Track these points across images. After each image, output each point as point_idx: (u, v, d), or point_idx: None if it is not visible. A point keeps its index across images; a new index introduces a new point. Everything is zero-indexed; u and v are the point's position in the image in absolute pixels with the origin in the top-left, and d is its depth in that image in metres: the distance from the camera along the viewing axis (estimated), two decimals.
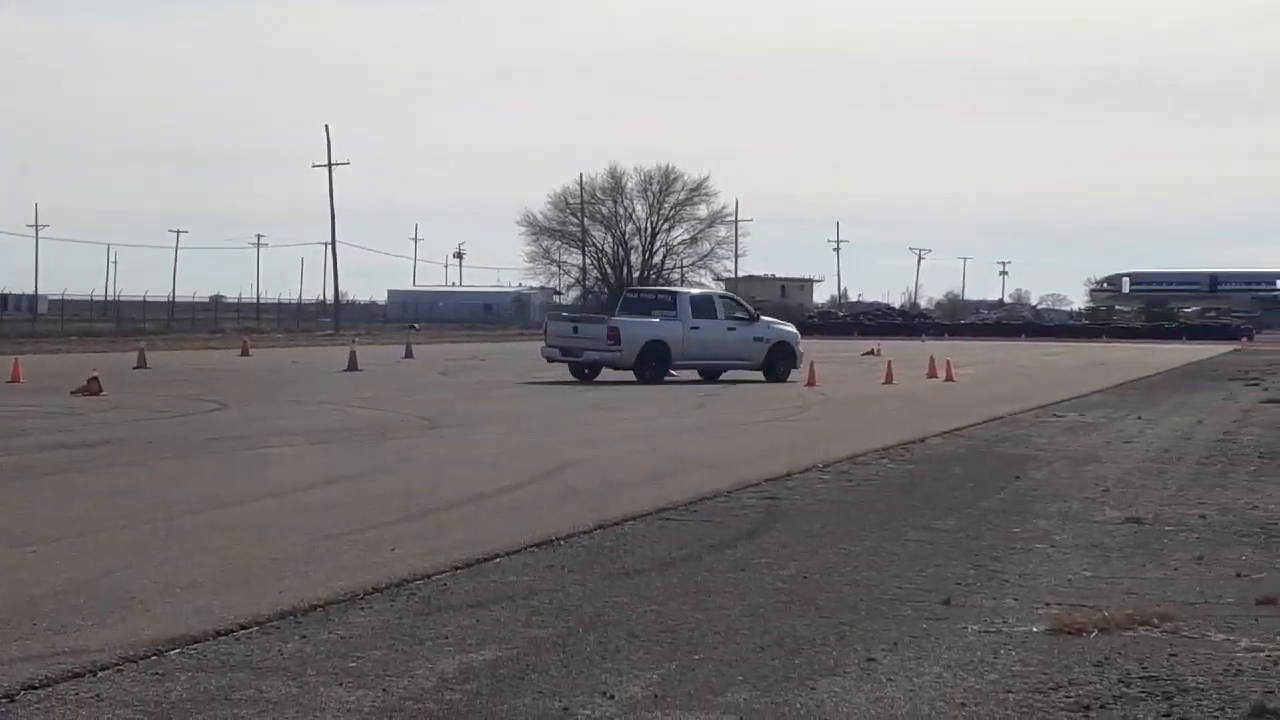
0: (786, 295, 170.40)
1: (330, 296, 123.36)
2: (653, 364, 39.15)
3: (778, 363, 41.12)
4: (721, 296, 44.54)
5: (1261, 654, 8.84)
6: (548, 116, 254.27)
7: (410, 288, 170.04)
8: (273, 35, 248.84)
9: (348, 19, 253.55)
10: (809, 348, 71.70)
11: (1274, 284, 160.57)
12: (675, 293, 43.20)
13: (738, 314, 41.86)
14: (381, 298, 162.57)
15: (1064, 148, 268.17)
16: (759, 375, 40.61)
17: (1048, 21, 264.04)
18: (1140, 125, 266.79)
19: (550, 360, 40.67)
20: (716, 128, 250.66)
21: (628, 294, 46.05)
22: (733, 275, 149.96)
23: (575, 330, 40.39)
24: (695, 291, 44.16)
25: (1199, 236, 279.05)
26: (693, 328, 39.86)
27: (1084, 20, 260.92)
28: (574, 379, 39.50)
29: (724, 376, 40.48)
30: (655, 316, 40.12)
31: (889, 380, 40.26)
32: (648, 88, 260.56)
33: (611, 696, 7.87)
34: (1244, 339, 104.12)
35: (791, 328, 43.89)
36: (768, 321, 42.82)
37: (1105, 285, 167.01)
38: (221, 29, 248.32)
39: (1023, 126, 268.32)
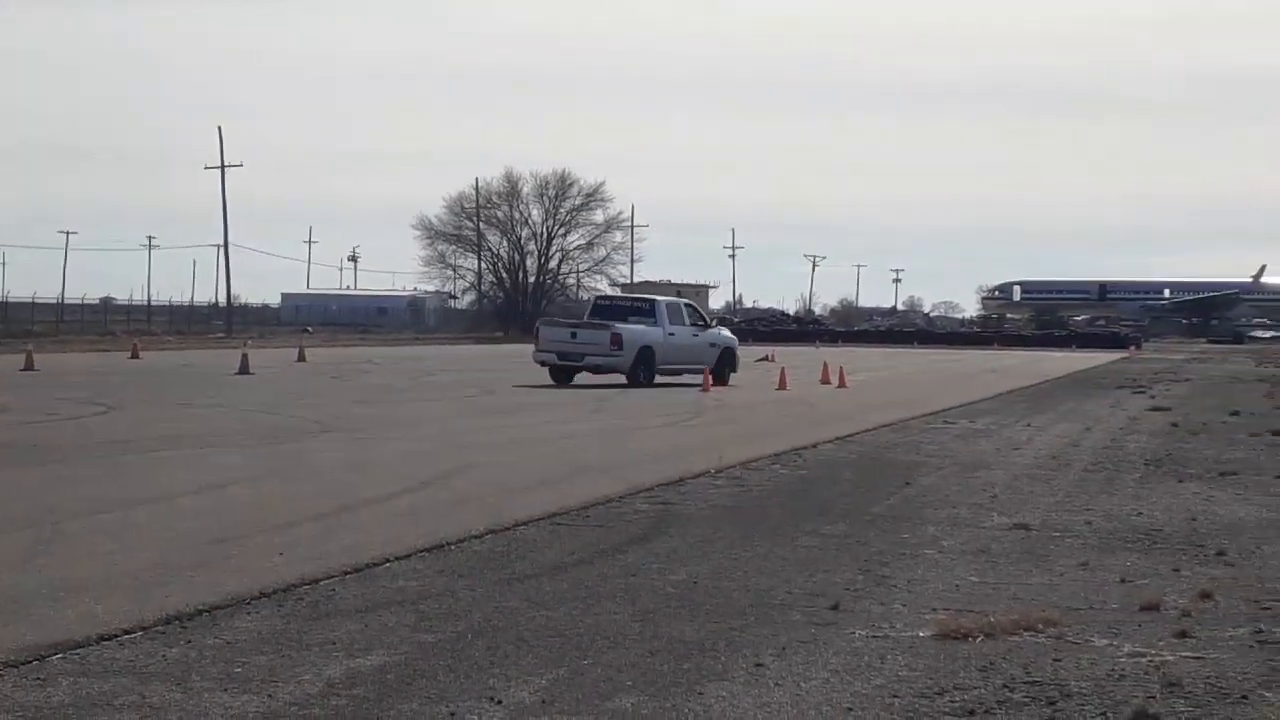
0: None
1: (223, 299, 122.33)
2: (642, 368, 40.15)
3: (725, 367, 42.53)
4: (686, 304, 44.77)
5: (1144, 659, 8.96)
6: (443, 119, 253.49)
7: (304, 291, 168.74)
8: (164, 34, 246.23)
9: (240, 19, 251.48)
10: None
11: (1162, 293, 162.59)
12: (654, 300, 43.59)
13: (698, 321, 43.30)
14: (275, 301, 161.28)
15: (955, 156, 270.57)
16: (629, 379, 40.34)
17: (931, 26, 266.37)
18: (1032, 133, 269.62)
19: (543, 364, 40.79)
20: (613, 133, 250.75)
21: (599, 300, 46.98)
22: (629, 281, 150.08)
23: (574, 336, 40.90)
24: (668, 300, 44.47)
25: (1089, 245, 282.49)
26: (670, 334, 41.14)
27: (968, 24, 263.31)
28: (553, 382, 39.98)
29: (604, 380, 40.51)
30: (634, 323, 40.84)
31: (783, 386, 40.43)
32: (544, 92, 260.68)
33: (499, 702, 7.85)
34: (1132, 347, 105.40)
35: (733, 335, 46.09)
36: (719, 329, 44.99)
37: (997, 293, 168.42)
38: (110, 27, 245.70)
39: (916, 134, 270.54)
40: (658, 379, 40.57)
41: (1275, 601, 10.87)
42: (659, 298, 45.20)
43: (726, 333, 45.53)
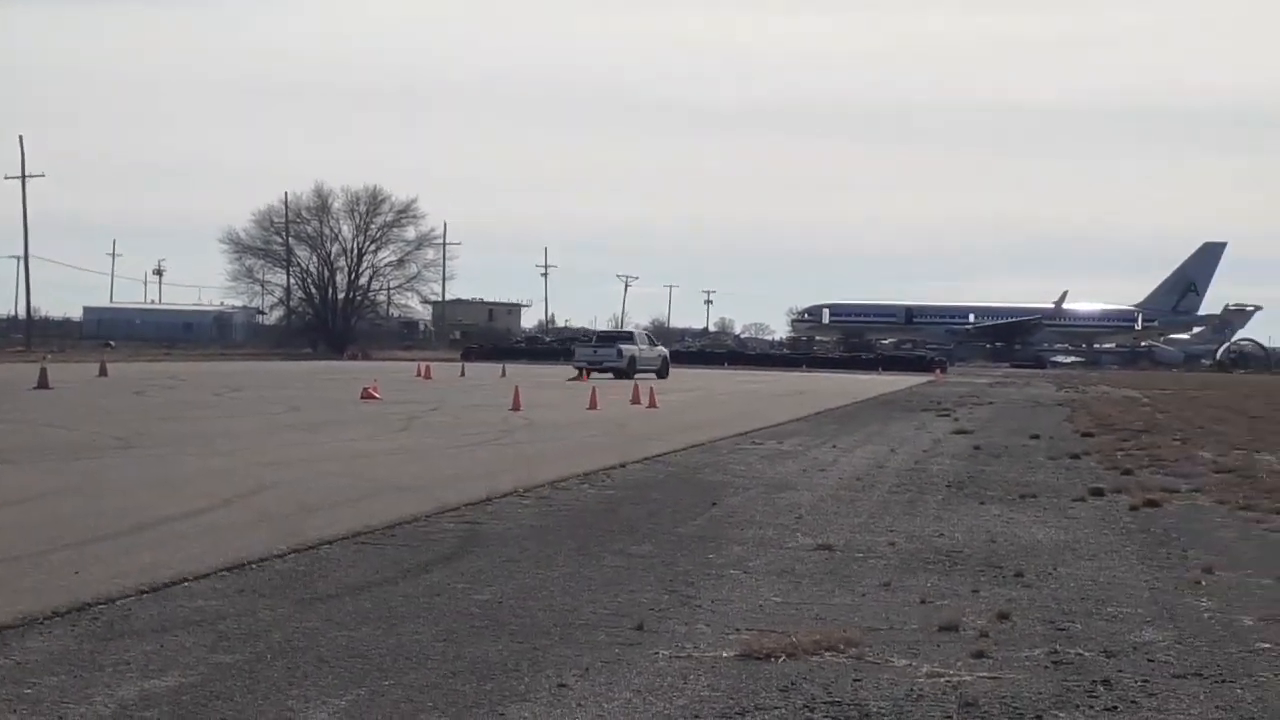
0: (494, 319, 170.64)
1: (22, 312, 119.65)
2: (631, 369, 68.77)
3: (664, 367, 73.55)
4: (648, 333, 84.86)
5: (942, 679, 9.06)
6: (253, 133, 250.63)
7: (108, 305, 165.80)
8: None
9: (44, 26, 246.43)
10: (514, 372, 71.84)
11: (966, 318, 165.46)
12: (633, 331, 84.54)
13: (654, 343, 78.06)
14: (77, 314, 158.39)
15: (766, 179, 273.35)
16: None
17: (745, 48, 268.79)
18: (843, 157, 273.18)
19: (579, 368, 70.06)
20: (426, 149, 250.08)
21: (600, 332, 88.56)
22: (440, 299, 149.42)
23: (595, 351, 72.45)
24: (638, 330, 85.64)
25: (898, 271, 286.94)
26: (641, 349, 72.58)
27: (788, 43, 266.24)
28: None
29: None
30: (621, 344, 72.37)
31: (593, 406, 40.48)
32: (356, 107, 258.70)
33: None
34: (937, 371, 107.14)
35: (665, 349, 79.55)
36: (661, 347, 78.03)
37: (806, 316, 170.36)
38: None
39: (726, 155, 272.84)
40: (634, 375, 66.56)
41: (1070, 622, 11.07)
42: (635, 330, 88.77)
43: (663, 349, 78.01)
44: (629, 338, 76.14)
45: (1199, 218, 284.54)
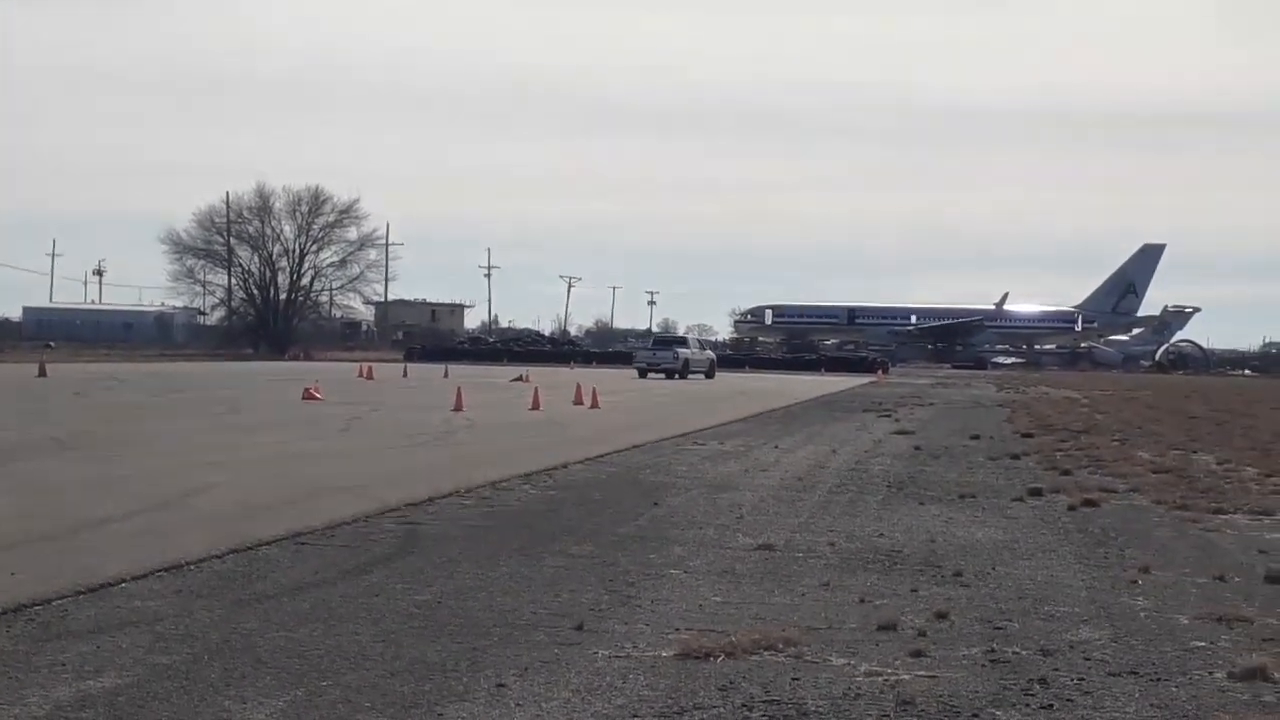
0: (437, 320, 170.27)
1: None
2: (685, 371, 77.59)
3: (711, 369, 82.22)
4: (697, 339, 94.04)
5: (879, 678, 9.10)
6: (194, 132, 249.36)
7: (47, 305, 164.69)
8: None
9: None
10: (457, 373, 71.76)
11: (909, 319, 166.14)
12: (685, 336, 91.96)
13: (702, 345, 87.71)
14: (16, 314, 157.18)
15: (710, 179, 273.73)
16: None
17: (685, 48, 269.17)
18: (783, 158, 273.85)
19: (639, 369, 79.58)
20: (368, 150, 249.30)
21: (657, 337, 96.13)
22: (383, 299, 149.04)
23: (654, 354, 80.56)
24: (690, 336, 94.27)
25: (840, 272, 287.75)
26: (692, 352, 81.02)
27: (729, 43, 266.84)
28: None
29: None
30: (676, 348, 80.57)
31: (536, 406, 40.46)
32: (297, 106, 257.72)
33: None
34: (879, 371, 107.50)
35: (713, 353, 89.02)
36: (709, 352, 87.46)
37: (749, 316, 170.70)
38: None
39: (668, 155, 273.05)
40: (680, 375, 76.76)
41: (1008, 621, 11.13)
42: (687, 335, 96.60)
43: (711, 353, 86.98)
44: (683, 342, 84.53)
45: (1139, 219, 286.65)
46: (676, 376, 76.14)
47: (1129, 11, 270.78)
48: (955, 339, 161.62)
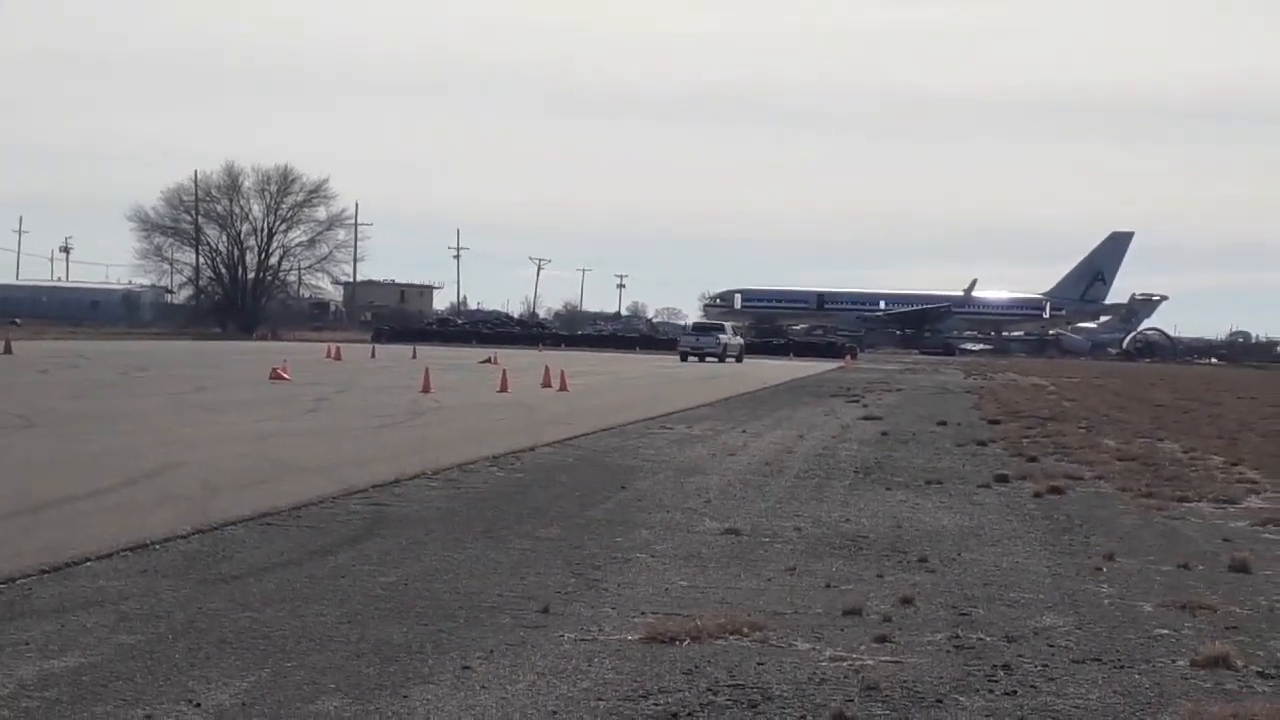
0: (406, 301, 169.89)
1: None
2: (725, 355, 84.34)
3: (741, 354, 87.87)
4: (734, 326, 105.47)
5: (844, 663, 9.12)
6: (163, 112, 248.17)
7: (13, 282, 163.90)
8: None
9: None
10: (425, 354, 71.66)
11: (877, 304, 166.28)
12: (722, 324, 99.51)
13: (734, 332, 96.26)
14: None
15: (679, 163, 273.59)
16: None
17: (658, 34, 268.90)
18: (753, 144, 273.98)
19: (684, 353, 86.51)
20: (338, 130, 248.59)
21: (696, 324, 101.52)
22: (351, 279, 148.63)
23: (698, 340, 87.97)
24: (729, 324, 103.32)
25: (809, 257, 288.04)
26: (729, 338, 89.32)
27: (701, 29, 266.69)
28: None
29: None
30: (714, 335, 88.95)
31: (504, 389, 40.42)
32: (268, 86, 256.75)
33: (198, 705, 7.67)
34: (848, 356, 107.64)
35: (741, 339, 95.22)
36: (740, 338, 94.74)
37: (718, 301, 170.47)
38: None
39: (639, 140, 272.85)
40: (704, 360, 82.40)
41: (973, 607, 11.16)
42: (724, 323, 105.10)
43: (740, 339, 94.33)
44: (722, 329, 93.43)
45: (1107, 207, 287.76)
46: (716, 360, 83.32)
47: (1100, 3, 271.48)
48: (924, 325, 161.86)
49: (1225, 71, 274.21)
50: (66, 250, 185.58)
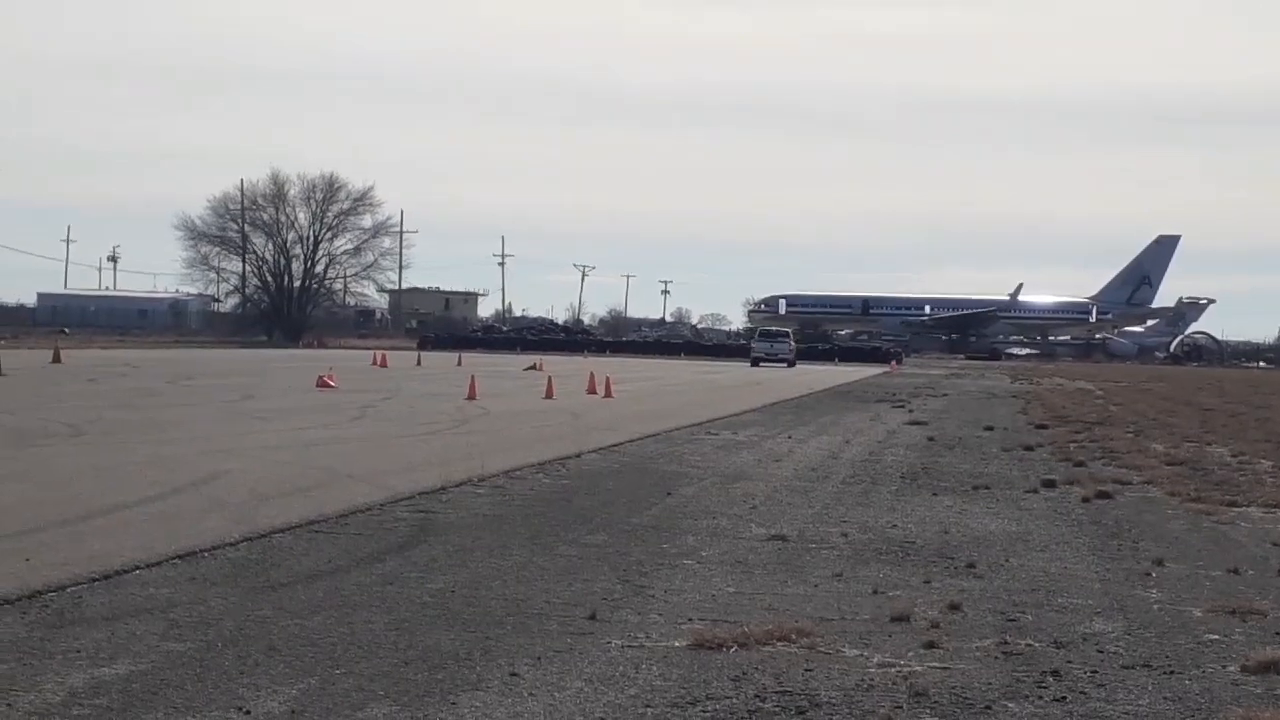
0: (451, 308, 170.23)
1: None
2: (793, 359, 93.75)
3: (794, 359, 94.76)
4: (793, 330, 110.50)
5: (893, 670, 9.09)
6: (209, 118, 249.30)
7: (62, 291, 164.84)
8: None
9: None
10: (470, 361, 71.77)
11: (923, 309, 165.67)
12: (788, 331, 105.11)
13: (793, 336, 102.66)
14: (31, 300, 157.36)
15: (725, 169, 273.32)
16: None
17: (701, 40, 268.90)
18: (797, 149, 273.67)
19: (757, 359, 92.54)
20: (383, 138, 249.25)
21: (762, 330, 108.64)
22: (396, 287, 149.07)
23: (772, 345, 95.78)
24: (789, 330, 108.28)
25: (854, 261, 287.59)
26: (792, 344, 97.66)
27: (744, 35, 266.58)
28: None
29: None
30: (786, 341, 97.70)
31: (549, 395, 40.46)
32: (313, 94, 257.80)
33: (247, 711, 7.70)
34: (893, 362, 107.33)
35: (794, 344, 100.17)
36: (793, 341, 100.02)
37: (763, 306, 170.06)
38: None
39: (686, 146, 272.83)
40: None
41: (1021, 613, 11.12)
42: (788, 330, 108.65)
43: (793, 343, 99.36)
44: (788, 335, 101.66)
45: (1154, 211, 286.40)
46: (786, 365, 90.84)
47: (1146, 4, 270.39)
48: (969, 330, 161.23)
49: (1274, 75, 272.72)
50: (114, 259, 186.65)
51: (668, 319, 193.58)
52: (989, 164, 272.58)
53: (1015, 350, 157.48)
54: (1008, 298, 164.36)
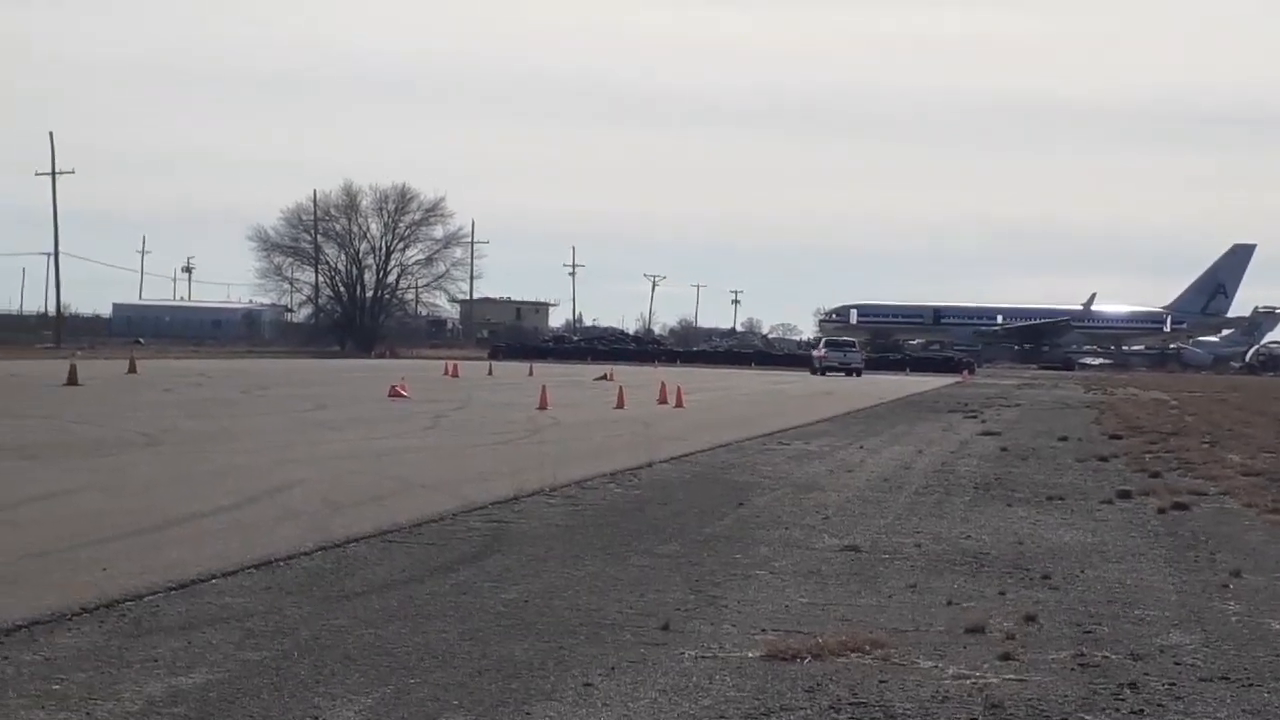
0: (522, 318, 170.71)
1: (52, 309, 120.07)
2: (862, 371, 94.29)
3: (861, 369, 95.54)
4: (859, 340, 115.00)
5: (968, 681, 9.05)
6: (281, 129, 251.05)
7: (137, 301, 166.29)
8: None
9: (73, 23, 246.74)
10: (541, 371, 71.93)
11: (995, 319, 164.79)
12: (855, 341, 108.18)
13: (862, 346, 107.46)
14: (106, 311, 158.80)
15: (793, 176, 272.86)
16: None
17: (770, 45, 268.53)
18: (870, 156, 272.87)
19: (827, 368, 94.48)
20: (454, 148, 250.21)
21: (828, 340, 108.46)
22: (468, 297, 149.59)
23: (844, 355, 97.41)
24: (855, 340, 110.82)
25: (926, 270, 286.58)
26: (862, 354, 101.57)
27: (811, 39, 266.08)
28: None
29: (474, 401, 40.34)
30: (857, 351, 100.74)
31: (620, 405, 40.50)
32: (386, 104, 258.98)
33: None
34: (965, 372, 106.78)
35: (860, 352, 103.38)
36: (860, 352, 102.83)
37: (834, 316, 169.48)
38: None
39: (755, 152, 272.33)
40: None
41: (1097, 625, 11.04)
42: (854, 339, 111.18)
43: (861, 353, 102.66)
44: (854, 345, 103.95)
45: (1229, 219, 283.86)
46: (855, 375, 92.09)
47: (1218, 10, 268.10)
48: (1042, 340, 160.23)
49: None
50: (188, 270, 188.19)
51: (738, 329, 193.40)
52: (1062, 171, 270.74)
53: (1088, 360, 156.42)
54: (1081, 307, 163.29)
